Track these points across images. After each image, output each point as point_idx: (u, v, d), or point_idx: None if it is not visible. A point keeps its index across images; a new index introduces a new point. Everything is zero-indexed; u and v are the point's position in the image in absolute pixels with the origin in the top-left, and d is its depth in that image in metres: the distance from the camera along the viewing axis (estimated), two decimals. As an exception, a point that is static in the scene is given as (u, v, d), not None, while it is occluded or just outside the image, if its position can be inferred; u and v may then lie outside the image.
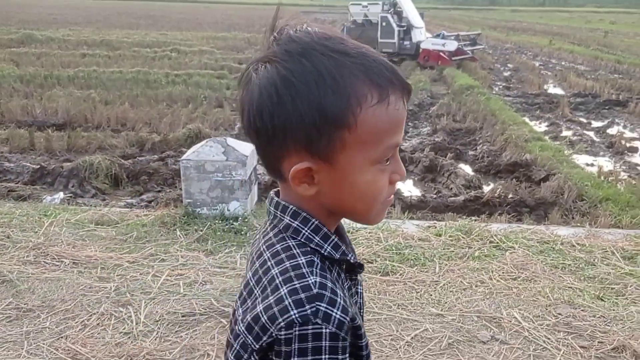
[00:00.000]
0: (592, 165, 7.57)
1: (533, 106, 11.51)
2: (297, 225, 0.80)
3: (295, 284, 0.74)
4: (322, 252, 0.80)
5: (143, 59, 15.19)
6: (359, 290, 0.91)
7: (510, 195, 5.93)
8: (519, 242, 3.86)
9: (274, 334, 0.72)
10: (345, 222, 0.90)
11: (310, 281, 0.74)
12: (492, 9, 72.92)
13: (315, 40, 0.76)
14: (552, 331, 2.84)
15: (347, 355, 0.74)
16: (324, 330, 0.72)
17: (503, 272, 3.45)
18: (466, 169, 7.38)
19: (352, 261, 0.83)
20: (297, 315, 0.72)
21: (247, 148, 4.15)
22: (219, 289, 3.12)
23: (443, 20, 39.32)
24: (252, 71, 0.78)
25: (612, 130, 9.74)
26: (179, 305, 2.98)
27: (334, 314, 0.72)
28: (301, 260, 0.77)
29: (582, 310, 3.02)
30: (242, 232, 3.83)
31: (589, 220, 4.92)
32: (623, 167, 7.64)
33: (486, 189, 6.38)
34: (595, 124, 10.31)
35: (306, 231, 0.80)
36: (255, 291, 0.78)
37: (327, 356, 0.72)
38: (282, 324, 0.72)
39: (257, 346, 0.74)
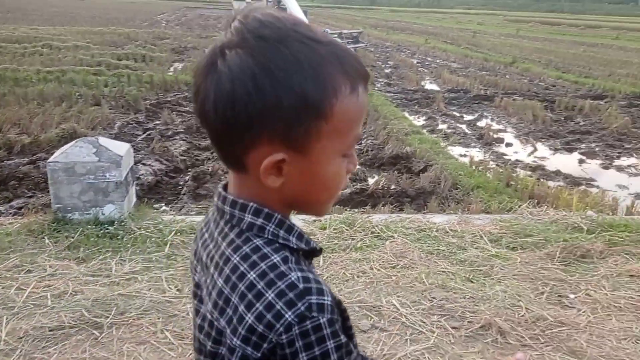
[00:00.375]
0: (465, 155, 8.08)
1: (412, 101, 12.07)
2: (261, 222, 0.78)
3: (279, 285, 0.72)
4: (291, 245, 0.78)
5: (11, 55, 13.95)
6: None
7: (392, 187, 6.18)
8: (399, 231, 4.03)
9: (274, 340, 0.71)
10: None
11: (293, 278, 0.73)
12: (373, 9, 75.49)
13: (288, 26, 0.73)
14: (427, 315, 2.99)
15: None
16: (321, 321, 0.72)
17: (383, 261, 3.57)
18: (351, 163, 7.57)
19: (316, 248, 0.83)
20: (292, 316, 0.71)
21: (121, 148, 3.94)
22: (90, 299, 2.92)
23: (326, 19, 40.06)
24: (218, 57, 0.73)
25: (481, 123, 10.49)
26: (46, 319, 2.76)
27: (325, 302, 0.73)
28: (275, 258, 0.75)
29: (454, 292, 3.21)
30: (119, 237, 3.63)
31: (462, 207, 5.24)
32: (491, 157, 8.24)
33: (371, 181, 6.59)
34: (467, 117, 11.03)
35: (271, 227, 0.78)
36: (233, 299, 0.75)
37: (331, 342, 0.73)
38: (280, 329, 0.71)
39: (259, 354, 0.73)
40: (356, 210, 5.15)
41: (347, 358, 0.76)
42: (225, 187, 0.83)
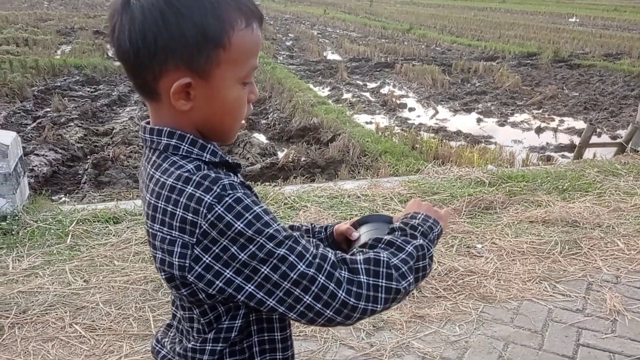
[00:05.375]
0: (370, 123, 8.24)
1: (315, 72, 12.10)
2: (175, 142, 0.89)
3: (195, 179, 0.83)
4: (204, 159, 0.89)
5: None
6: None
7: (302, 159, 6.18)
8: (311, 200, 4.02)
9: (203, 223, 0.81)
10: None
11: (205, 171, 0.85)
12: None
13: None
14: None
15: None
16: (239, 194, 0.83)
17: (299, 231, 3.55)
18: (260, 137, 7.50)
19: (230, 162, 0.93)
20: (211, 198, 0.82)
21: (6, 137, 3.61)
22: (-14, 300, 2.68)
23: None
24: None
25: (384, 90, 10.72)
26: None
27: (236, 182, 0.85)
28: (189, 166, 0.86)
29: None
30: (13, 232, 3.33)
31: (372, 173, 5.34)
32: (396, 122, 8.47)
33: (281, 155, 6.55)
34: (370, 85, 11.23)
35: (185, 146, 0.89)
36: (159, 204, 0.85)
37: (257, 207, 0.84)
38: (204, 211, 0.81)
39: (195, 239, 0.83)
40: (268, 184, 5.10)
41: (278, 222, 0.86)
42: (148, 123, 0.95)
